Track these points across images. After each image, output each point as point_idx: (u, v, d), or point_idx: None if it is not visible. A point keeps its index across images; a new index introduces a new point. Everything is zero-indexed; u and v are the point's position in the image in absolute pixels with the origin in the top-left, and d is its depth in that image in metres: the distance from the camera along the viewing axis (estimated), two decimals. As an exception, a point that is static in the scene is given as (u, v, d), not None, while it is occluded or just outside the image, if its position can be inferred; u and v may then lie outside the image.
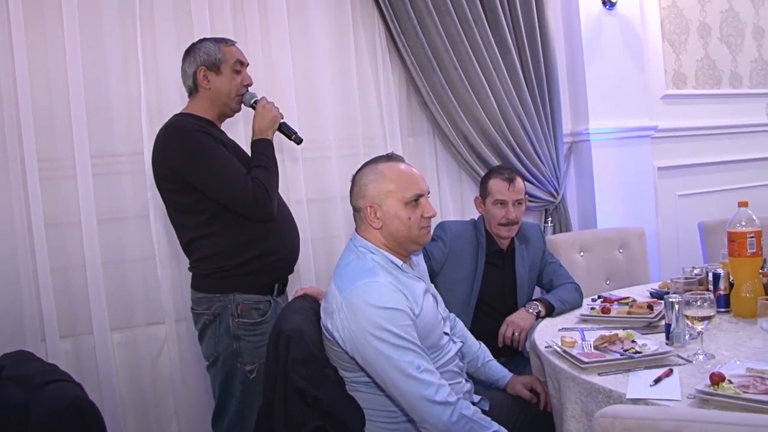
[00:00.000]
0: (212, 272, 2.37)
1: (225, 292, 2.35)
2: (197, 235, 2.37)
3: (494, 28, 3.55)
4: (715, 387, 1.61)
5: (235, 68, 2.43)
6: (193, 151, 2.27)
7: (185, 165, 2.28)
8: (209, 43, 2.44)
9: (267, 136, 2.41)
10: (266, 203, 2.29)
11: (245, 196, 2.26)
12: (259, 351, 2.34)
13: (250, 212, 2.30)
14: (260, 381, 2.34)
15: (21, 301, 2.80)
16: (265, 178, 2.30)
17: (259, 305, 2.38)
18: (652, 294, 2.71)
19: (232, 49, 2.45)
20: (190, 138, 2.28)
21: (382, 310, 1.83)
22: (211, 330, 2.38)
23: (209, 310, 2.37)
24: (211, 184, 2.27)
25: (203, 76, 2.40)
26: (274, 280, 2.44)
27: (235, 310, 2.34)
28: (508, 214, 2.76)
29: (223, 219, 2.32)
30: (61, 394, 1.59)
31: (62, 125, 2.88)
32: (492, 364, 2.38)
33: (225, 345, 2.36)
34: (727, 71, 4.57)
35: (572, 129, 3.97)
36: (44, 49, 2.87)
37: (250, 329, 2.36)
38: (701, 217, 3.81)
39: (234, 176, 2.26)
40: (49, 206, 2.86)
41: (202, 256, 2.39)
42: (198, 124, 2.34)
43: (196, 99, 2.45)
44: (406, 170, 2.05)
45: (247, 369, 2.36)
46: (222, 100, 2.43)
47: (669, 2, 4.32)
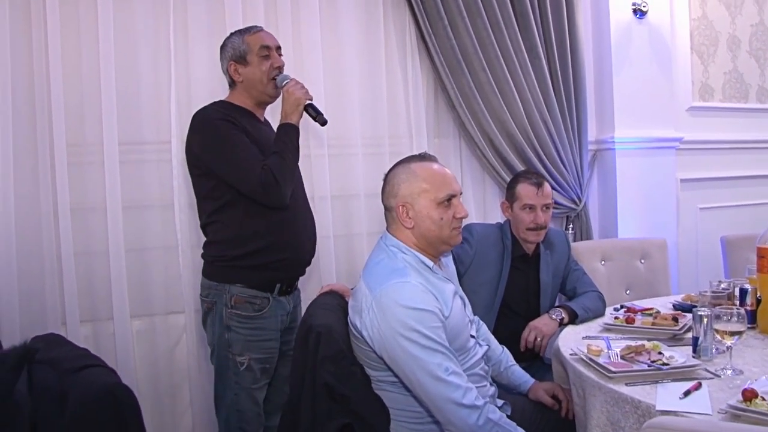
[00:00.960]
0: (214, 260, 2.43)
1: (222, 282, 2.40)
2: (210, 220, 2.44)
3: (524, 32, 3.54)
4: (748, 403, 1.60)
5: (262, 54, 2.44)
6: (210, 138, 2.33)
7: (204, 150, 2.35)
8: (235, 36, 2.49)
9: (291, 120, 2.40)
10: (272, 188, 2.29)
11: (252, 181, 2.28)
12: (252, 345, 2.39)
13: (258, 197, 2.32)
14: (252, 375, 2.40)
15: (44, 285, 2.81)
16: (275, 165, 2.30)
17: (255, 300, 2.39)
18: (676, 306, 2.70)
19: (257, 36, 2.47)
20: (211, 125, 2.34)
21: (412, 311, 1.83)
22: (210, 318, 2.44)
23: (208, 298, 2.44)
24: (224, 169, 2.32)
25: (234, 70, 2.46)
26: (276, 279, 2.44)
27: (229, 301, 2.38)
28: (537, 219, 2.76)
29: (235, 209, 2.36)
30: (97, 380, 1.59)
31: (92, 111, 2.89)
32: (514, 369, 2.38)
33: (218, 334, 2.41)
34: (755, 85, 4.54)
35: (597, 137, 3.96)
36: (77, 35, 2.88)
37: (243, 322, 2.38)
38: (722, 231, 3.78)
39: (245, 162, 2.29)
40: (75, 191, 2.86)
41: (209, 242, 2.47)
42: (224, 112, 2.38)
43: (234, 91, 2.51)
44: (439, 170, 2.04)
45: (239, 360, 2.38)
46: (257, 89, 2.46)
47: (699, 13, 4.30)
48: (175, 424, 3.07)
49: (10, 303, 2.72)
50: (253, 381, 2.42)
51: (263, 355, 2.42)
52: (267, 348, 2.43)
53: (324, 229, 3.23)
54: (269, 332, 2.43)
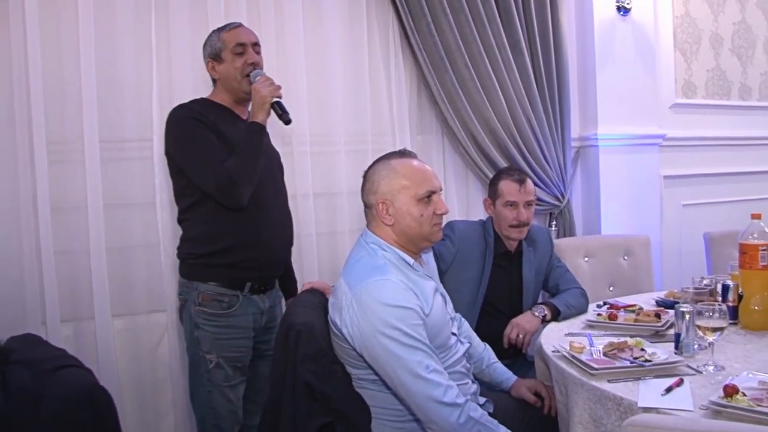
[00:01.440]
0: (185, 257, 2.45)
1: (192, 279, 2.41)
2: (183, 218, 2.46)
3: (508, 29, 3.54)
4: (729, 399, 1.60)
5: (236, 51, 2.42)
6: (178, 135, 2.36)
7: (172, 148, 2.38)
8: (213, 33, 2.49)
9: (257, 118, 2.36)
10: (228, 190, 2.26)
11: (209, 181, 2.27)
12: (220, 344, 2.38)
13: (216, 197, 2.30)
14: (224, 373, 2.39)
15: (23, 284, 2.77)
16: (233, 165, 2.26)
17: (223, 298, 2.38)
18: (658, 302, 2.71)
19: (233, 32, 2.46)
20: (179, 123, 2.37)
21: (392, 309, 1.82)
22: (184, 315, 2.46)
23: (181, 295, 2.47)
24: (187, 167, 2.34)
25: (211, 67, 2.47)
26: (246, 278, 2.42)
27: (197, 298, 2.38)
28: (519, 216, 2.76)
29: (202, 208, 2.37)
30: (74, 381, 1.57)
31: (72, 108, 2.85)
32: (497, 366, 2.37)
33: (189, 332, 2.43)
34: (737, 83, 4.57)
35: (580, 133, 3.96)
36: (57, 31, 2.83)
37: (210, 319, 2.37)
38: (705, 228, 3.81)
39: (205, 161, 2.28)
40: (55, 189, 2.82)
41: (181, 239, 2.49)
42: (196, 110, 2.38)
43: (215, 88, 2.51)
44: (419, 167, 2.04)
45: (208, 358, 2.38)
46: (231, 85, 2.45)
47: (682, 11, 4.32)
48: (157, 423, 3.04)
49: (-12, 303, 2.68)
50: (225, 379, 2.40)
51: (234, 353, 2.41)
52: (237, 347, 2.41)
53: (306, 227, 3.22)
54: (239, 330, 2.41)
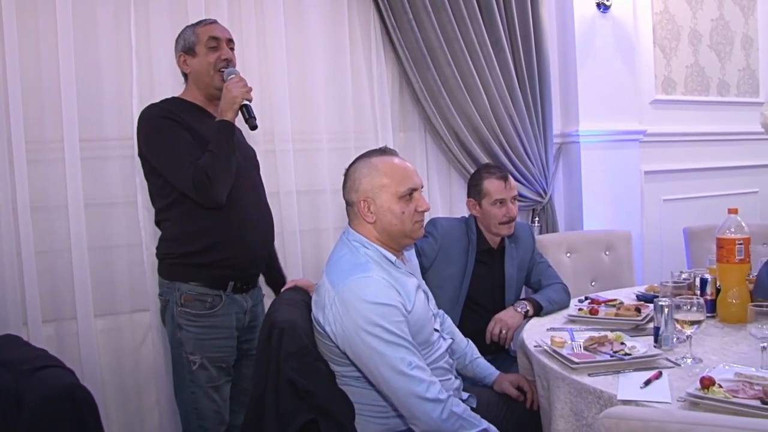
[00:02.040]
0: (164, 257, 2.42)
1: (173, 279, 2.38)
2: (160, 218, 2.43)
3: (489, 26, 3.55)
4: (705, 391, 1.62)
5: (209, 45, 2.40)
6: (151, 135, 2.32)
7: (145, 148, 2.34)
8: (187, 28, 2.47)
9: (225, 116, 2.31)
10: (206, 189, 2.23)
11: (185, 180, 2.24)
12: (203, 344, 2.35)
13: (193, 196, 2.27)
14: (208, 374, 2.37)
15: (3, 284, 2.75)
16: (207, 164, 2.22)
17: (206, 298, 2.35)
18: (639, 297, 2.74)
19: (208, 27, 2.44)
20: (152, 122, 2.33)
21: (375, 306, 1.83)
22: (166, 316, 2.42)
23: (162, 296, 2.43)
24: (162, 167, 2.31)
25: (183, 61, 2.44)
26: (228, 277, 2.39)
27: (179, 299, 2.35)
28: (509, 212, 2.78)
29: (180, 207, 2.33)
30: (55, 381, 1.56)
31: (52, 107, 2.83)
32: (480, 362, 2.39)
33: (171, 332, 2.41)
34: (716, 79, 4.62)
35: (562, 130, 3.99)
36: (35, 30, 2.81)
37: (192, 320, 2.35)
38: (685, 222, 3.85)
39: (179, 161, 2.25)
40: (35, 189, 2.80)
41: (160, 239, 2.45)
42: (168, 108, 2.36)
43: (187, 85, 2.49)
44: (400, 164, 2.04)
45: (191, 359, 2.35)
46: (203, 81, 2.42)
47: (661, 8, 4.35)
48: (141, 424, 3.03)
49: (-32, 304, 2.66)
50: (209, 380, 2.38)
51: (217, 354, 2.38)
52: (221, 347, 2.39)
53: (290, 224, 3.22)
54: (223, 330, 2.39)
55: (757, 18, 4.79)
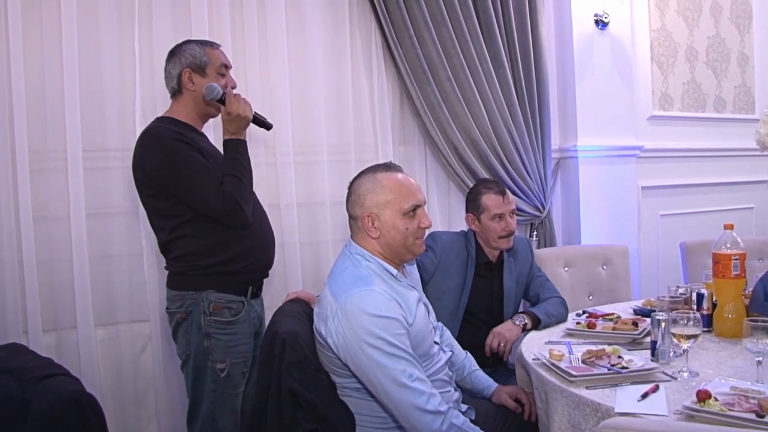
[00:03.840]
0: (186, 270, 2.38)
1: (198, 290, 2.35)
2: (173, 236, 2.37)
3: (489, 42, 3.59)
4: (702, 404, 1.64)
5: (220, 71, 2.42)
6: (168, 160, 2.27)
7: (161, 174, 2.28)
8: (194, 45, 2.44)
9: (240, 136, 2.36)
10: (238, 215, 2.28)
11: (215, 209, 2.26)
12: (231, 350, 2.36)
13: (222, 221, 2.30)
14: (232, 381, 2.38)
15: (4, 293, 2.77)
16: (234, 189, 2.27)
17: (232, 305, 2.37)
18: (636, 311, 2.77)
19: (217, 52, 2.45)
20: (166, 146, 2.28)
21: (376, 318, 1.85)
22: (184, 328, 2.38)
23: (182, 308, 2.38)
24: (185, 194, 2.28)
25: (188, 78, 2.40)
26: (248, 282, 2.44)
27: (207, 308, 2.34)
28: (508, 226, 2.81)
29: (199, 222, 2.32)
30: (61, 389, 1.58)
31: (55, 117, 2.86)
32: (478, 374, 2.41)
33: (196, 343, 2.36)
34: (712, 95, 4.67)
35: (560, 145, 4.03)
36: (40, 41, 2.85)
37: (221, 327, 2.35)
38: (682, 237, 3.88)
39: (207, 188, 2.25)
40: (37, 198, 2.83)
41: (177, 256, 2.40)
42: (176, 131, 2.33)
43: (179, 101, 2.45)
44: (404, 180, 2.07)
45: (218, 367, 2.35)
46: (204, 101, 2.41)
47: (659, 25, 4.40)
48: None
49: (-30, 312, 2.67)
50: (231, 387, 2.39)
51: (241, 359, 2.41)
52: (244, 352, 2.42)
53: (290, 236, 3.24)
54: (244, 336, 2.42)
55: (752, 36, 4.84)
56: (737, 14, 4.77)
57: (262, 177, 3.20)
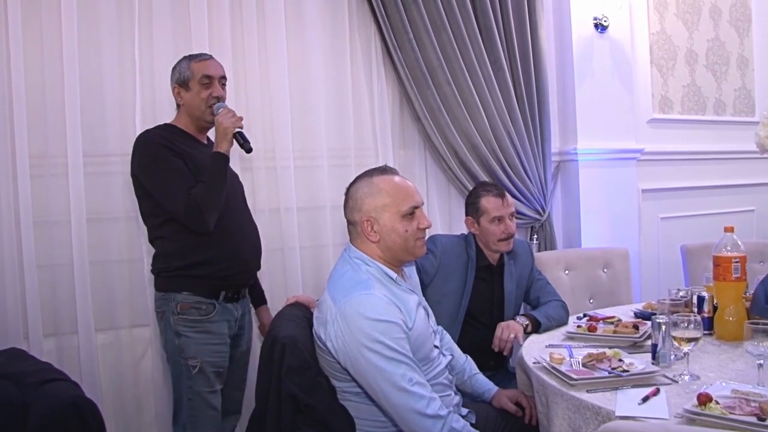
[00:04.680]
0: (161, 272, 2.52)
1: (168, 291, 2.49)
2: (154, 236, 2.55)
3: (488, 46, 3.59)
4: (703, 407, 1.64)
5: (203, 82, 2.51)
6: (146, 161, 2.45)
7: (140, 173, 2.47)
8: (183, 61, 2.57)
9: (220, 148, 2.44)
10: (196, 218, 2.36)
11: (177, 209, 2.37)
12: (203, 348, 2.46)
13: (183, 222, 2.40)
14: (205, 378, 2.45)
15: (5, 298, 2.76)
16: (199, 195, 2.36)
17: (200, 305, 2.47)
18: (637, 314, 2.76)
19: (203, 64, 2.54)
20: (149, 148, 2.45)
21: (376, 323, 1.85)
22: (162, 327, 2.55)
23: (159, 308, 2.54)
24: (155, 193, 2.43)
25: (177, 93, 2.56)
26: (220, 287, 2.51)
27: (176, 308, 2.45)
28: (508, 229, 2.81)
29: (175, 225, 2.44)
30: (61, 394, 1.58)
31: (55, 123, 2.86)
32: (478, 377, 2.40)
33: (170, 341, 2.50)
34: (712, 98, 4.67)
35: (560, 148, 4.03)
36: (40, 46, 2.85)
37: (190, 325, 2.45)
38: (682, 240, 3.88)
39: (173, 189, 2.38)
40: (38, 204, 2.83)
41: (155, 255, 2.57)
42: (164, 135, 2.48)
43: (179, 113, 2.61)
44: (401, 183, 2.07)
45: (191, 364, 2.45)
46: (195, 114, 2.55)
47: (658, 28, 4.40)
48: (140, 438, 3.04)
49: (-30, 317, 2.67)
50: (207, 384, 2.47)
51: (214, 359, 2.49)
52: (218, 352, 2.50)
53: (290, 241, 3.24)
54: (218, 336, 2.51)
55: (752, 38, 4.84)
56: (737, 17, 4.77)
57: (262, 181, 3.22)
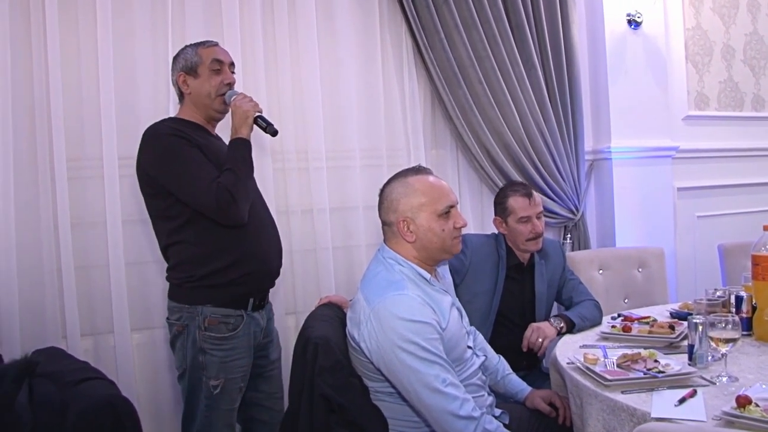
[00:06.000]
0: (183, 282, 2.34)
1: (194, 304, 2.30)
2: (171, 241, 2.34)
3: (520, 44, 3.57)
4: (742, 410, 1.61)
5: (213, 68, 2.38)
6: (162, 154, 2.25)
7: (156, 168, 2.27)
8: (189, 47, 2.43)
9: (241, 134, 2.32)
10: (229, 207, 2.20)
11: (207, 200, 2.19)
12: (226, 366, 2.31)
13: (214, 216, 2.23)
14: (226, 397, 2.32)
15: (44, 299, 2.83)
16: (230, 182, 2.21)
17: (229, 319, 2.31)
18: (673, 314, 2.72)
19: (210, 49, 2.41)
20: (161, 141, 2.26)
21: (410, 323, 1.85)
22: (181, 341, 2.35)
23: (179, 321, 2.34)
24: (177, 187, 2.24)
25: (183, 81, 2.40)
26: (248, 293, 2.36)
27: (203, 323, 2.28)
28: (535, 228, 2.79)
29: (196, 227, 2.28)
30: (97, 393, 1.60)
31: (91, 126, 2.92)
32: (511, 378, 2.39)
33: (191, 357, 2.31)
34: (750, 94, 4.57)
35: (594, 147, 3.98)
36: (77, 52, 2.91)
37: (217, 343, 2.30)
38: (719, 239, 3.80)
39: (199, 179, 2.21)
40: (75, 206, 2.89)
41: (173, 264, 2.38)
42: (174, 127, 2.30)
43: (183, 104, 2.45)
44: (436, 182, 2.07)
45: (212, 384, 2.30)
46: (203, 102, 2.39)
47: (693, 23, 4.33)
48: (175, 437, 3.08)
49: (10, 317, 2.73)
50: (228, 403, 2.35)
51: (238, 374, 2.35)
52: (241, 367, 2.36)
53: (323, 241, 3.25)
54: (243, 351, 2.36)
55: (791, 32, 4.74)
56: (776, 10, 4.67)
57: (294, 182, 3.24)
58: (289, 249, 3.08)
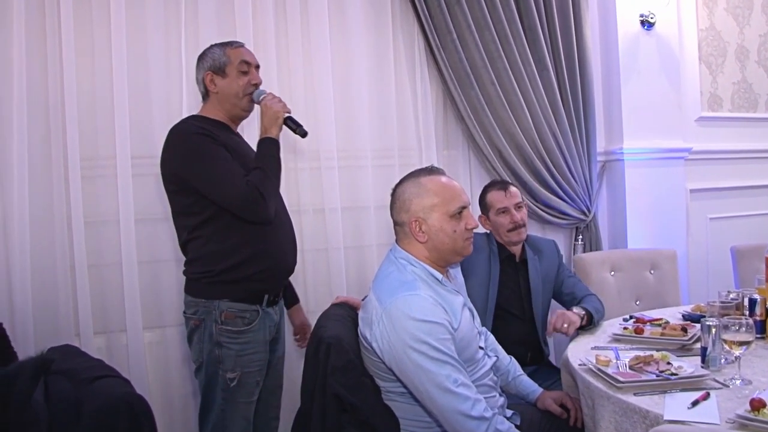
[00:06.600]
0: (200, 277, 2.37)
1: (211, 298, 2.34)
2: (190, 237, 2.38)
3: (532, 45, 3.57)
4: (756, 413, 1.61)
5: (241, 69, 2.41)
6: (189, 153, 2.29)
7: (182, 166, 2.30)
8: (216, 47, 2.46)
9: (271, 134, 2.36)
10: (258, 205, 2.25)
11: (236, 198, 2.24)
12: (242, 360, 2.35)
13: (242, 213, 2.27)
14: (243, 389, 2.35)
15: (57, 297, 2.85)
16: (259, 180, 2.26)
17: (245, 314, 2.35)
18: (685, 316, 2.71)
19: (238, 50, 2.44)
20: (188, 139, 2.30)
21: (421, 323, 1.85)
22: (198, 335, 2.38)
23: (196, 315, 2.37)
24: (205, 185, 2.27)
25: (210, 80, 2.42)
26: (263, 289, 2.40)
27: (219, 317, 2.32)
28: (513, 218, 2.85)
29: (217, 223, 2.31)
30: (113, 391, 1.61)
31: (105, 126, 2.94)
32: (522, 379, 2.39)
33: (208, 351, 2.35)
34: (764, 95, 4.54)
35: (606, 148, 3.97)
36: (91, 52, 2.93)
37: (233, 337, 2.33)
38: (732, 241, 3.78)
39: (227, 177, 2.24)
40: (88, 204, 2.91)
41: (191, 259, 2.41)
42: (200, 126, 2.33)
43: (207, 103, 2.48)
44: (448, 183, 2.07)
45: (228, 377, 2.34)
46: (230, 102, 2.43)
47: (707, 24, 4.31)
48: (187, 435, 3.09)
49: (24, 315, 2.75)
50: (246, 395, 2.38)
51: (254, 368, 2.39)
52: (257, 361, 2.40)
53: (334, 241, 3.26)
54: (258, 345, 2.39)
55: (806, 34, 4.71)
56: (791, 11, 4.64)
57: (306, 182, 3.25)
58: (300, 248, 3.07)
